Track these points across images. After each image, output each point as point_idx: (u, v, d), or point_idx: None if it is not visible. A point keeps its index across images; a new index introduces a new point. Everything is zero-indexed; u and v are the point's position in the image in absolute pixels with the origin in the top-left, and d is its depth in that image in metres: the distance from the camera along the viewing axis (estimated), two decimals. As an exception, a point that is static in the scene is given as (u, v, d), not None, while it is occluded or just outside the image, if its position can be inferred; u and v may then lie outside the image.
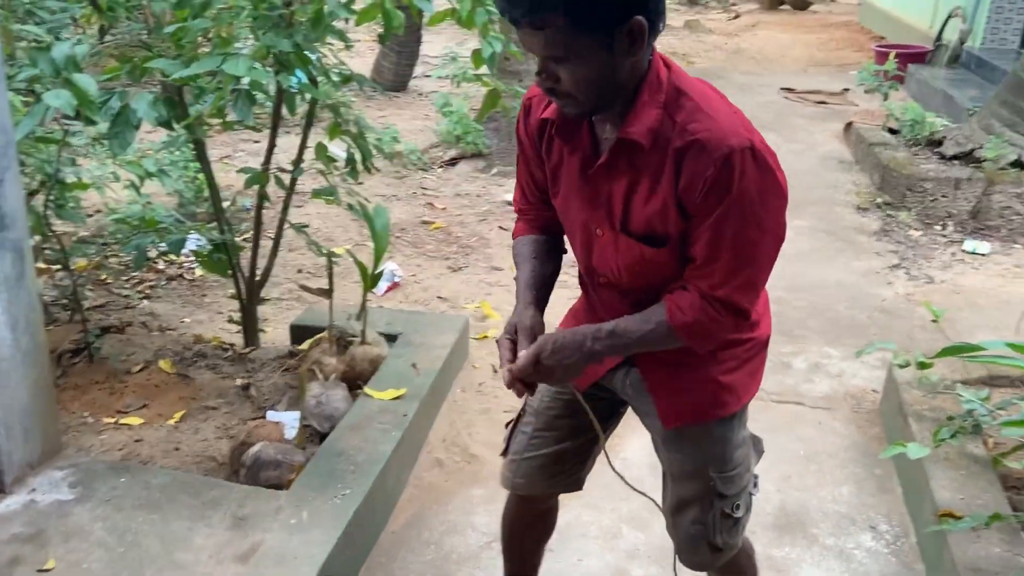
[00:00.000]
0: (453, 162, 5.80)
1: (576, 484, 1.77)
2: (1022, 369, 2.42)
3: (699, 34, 11.40)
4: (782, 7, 13.71)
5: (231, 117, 2.41)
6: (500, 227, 4.73)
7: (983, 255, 4.44)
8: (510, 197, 5.12)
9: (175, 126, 2.52)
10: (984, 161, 4.91)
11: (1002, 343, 1.54)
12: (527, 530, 1.90)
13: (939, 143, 5.29)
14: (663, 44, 11.04)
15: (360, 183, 2.94)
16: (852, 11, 12.86)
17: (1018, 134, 5.04)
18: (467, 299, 3.89)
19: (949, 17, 8.22)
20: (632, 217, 1.38)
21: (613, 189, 1.38)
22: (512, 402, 3.05)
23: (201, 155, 2.77)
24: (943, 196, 4.84)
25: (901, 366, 2.81)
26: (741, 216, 1.28)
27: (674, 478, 1.64)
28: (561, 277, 1.65)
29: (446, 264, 4.26)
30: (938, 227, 4.76)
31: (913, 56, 8.20)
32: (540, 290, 1.55)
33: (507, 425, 1.79)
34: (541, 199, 1.59)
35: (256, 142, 5.77)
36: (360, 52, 7.83)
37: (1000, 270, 4.28)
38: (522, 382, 1.43)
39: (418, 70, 8.35)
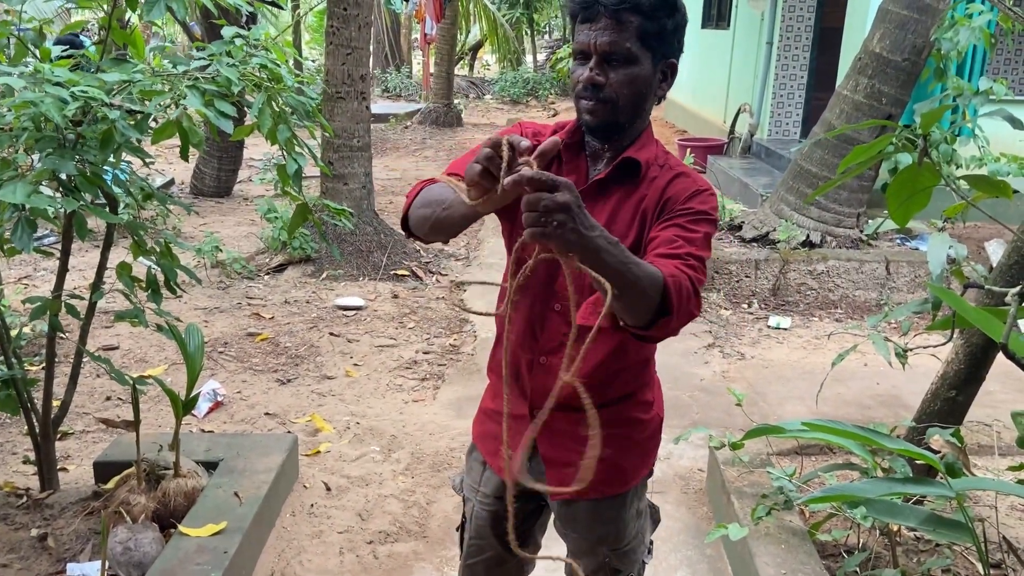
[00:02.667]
0: (280, 268, 5.64)
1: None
2: (824, 441, 2.60)
3: (521, 131, 11.99)
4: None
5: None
6: (331, 333, 4.61)
7: (786, 329, 4.82)
8: (341, 302, 5.03)
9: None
10: (778, 242, 5.39)
11: (798, 423, 1.67)
12: None
13: (739, 227, 5.76)
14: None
15: (179, 296, 2.78)
16: (659, 107, 14.00)
17: (804, 216, 5.58)
18: (297, 413, 3.72)
19: (738, 112, 9.11)
20: (609, 230, 1.43)
21: (596, 207, 1.49)
22: (347, 522, 2.91)
23: (-21, 285, 2.53)
24: (746, 276, 5.25)
25: (716, 447, 2.94)
26: (705, 222, 1.46)
27: (572, 554, 1.78)
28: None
29: (274, 377, 4.08)
30: (745, 305, 5.13)
31: (712, 148, 8.98)
32: None
33: (457, 529, 1.88)
34: None
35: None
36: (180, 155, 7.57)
37: (802, 343, 4.65)
38: (525, 186, 1.15)
39: (243, 174, 8.19)
